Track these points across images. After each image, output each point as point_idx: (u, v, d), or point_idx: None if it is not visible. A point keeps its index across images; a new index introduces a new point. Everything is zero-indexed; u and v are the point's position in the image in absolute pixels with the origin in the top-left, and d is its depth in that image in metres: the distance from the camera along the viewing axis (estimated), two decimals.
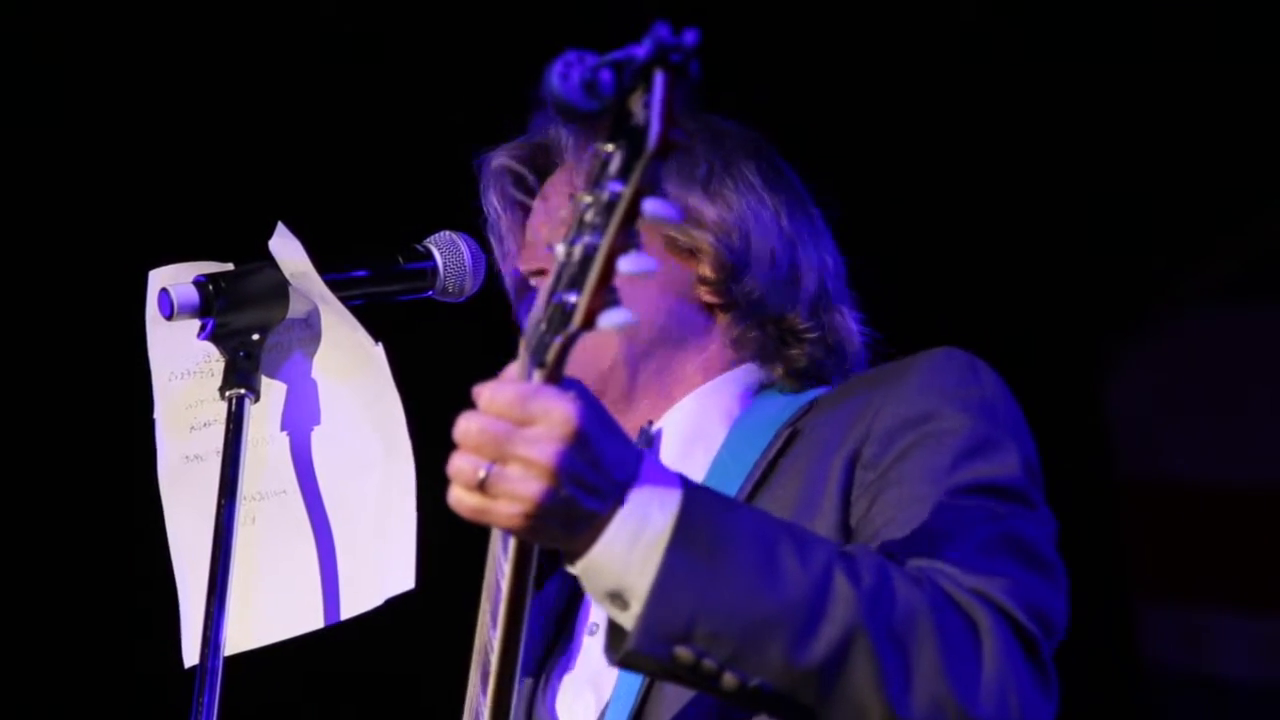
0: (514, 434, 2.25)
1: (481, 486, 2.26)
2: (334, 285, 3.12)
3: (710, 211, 3.05)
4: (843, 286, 3.16)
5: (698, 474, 2.93)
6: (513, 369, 2.31)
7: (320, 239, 3.15)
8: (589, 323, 2.21)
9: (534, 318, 2.26)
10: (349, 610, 3.14)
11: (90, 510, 5.13)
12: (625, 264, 2.20)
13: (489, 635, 2.39)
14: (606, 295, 2.21)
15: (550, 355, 2.25)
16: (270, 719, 4.83)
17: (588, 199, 2.22)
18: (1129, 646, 5.06)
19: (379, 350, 3.13)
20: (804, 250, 3.10)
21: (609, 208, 2.20)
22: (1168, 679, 5.14)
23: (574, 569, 2.37)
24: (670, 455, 3.02)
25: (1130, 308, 5.17)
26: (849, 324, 3.13)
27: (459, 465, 2.27)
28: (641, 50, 2.19)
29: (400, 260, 3.20)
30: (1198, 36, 4.87)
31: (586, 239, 2.21)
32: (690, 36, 2.19)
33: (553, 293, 2.23)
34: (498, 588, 2.39)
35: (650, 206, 2.20)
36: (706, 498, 2.40)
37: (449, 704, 2.71)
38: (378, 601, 3.11)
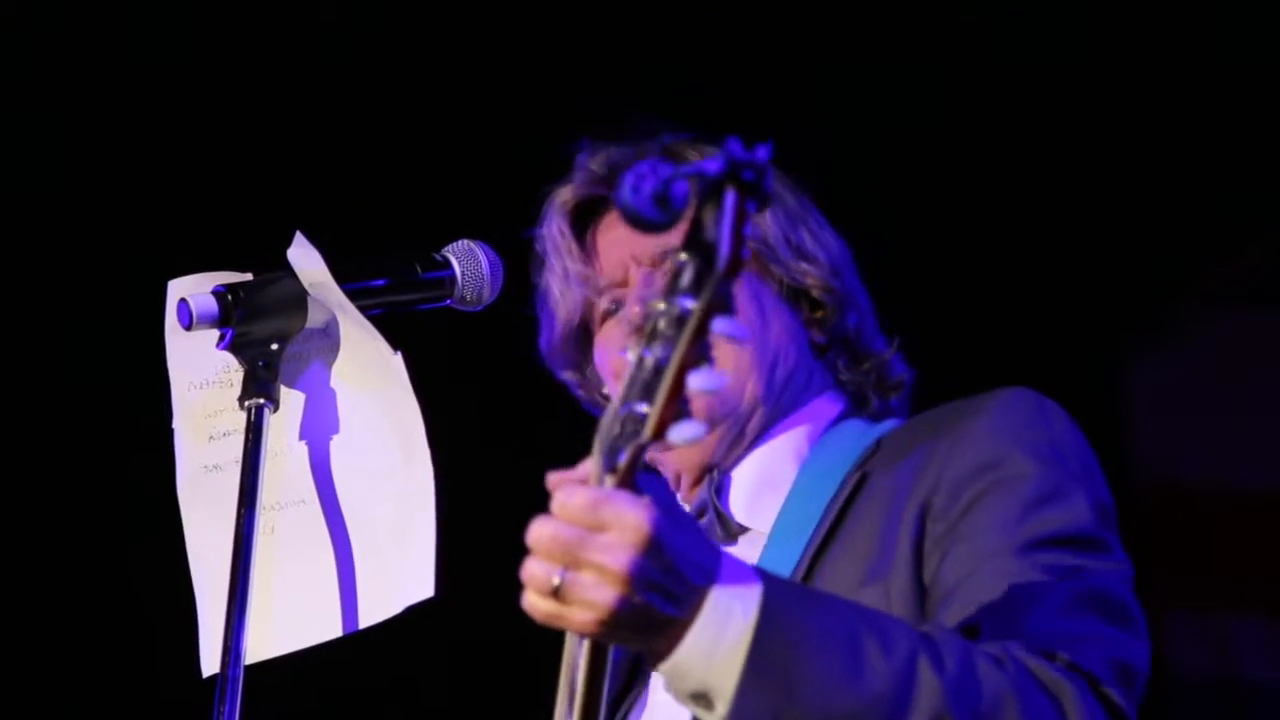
0: (587, 540, 2.24)
1: (555, 593, 2.25)
2: (352, 294, 3.12)
3: (819, 252, 3.09)
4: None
5: (768, 518, 2.96)
6: (586, 465, 2.30)
7: (339, 248, 3.15)
8: (660, 434, 2.21)
9: (606, 422, 2.26)
10: (368, 619, 3.14)
11: (109, 520, 5.14)
12: (696, 380, 2.20)
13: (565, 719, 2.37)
14: (677, 408, 2.21)
15: (622, 464, 2.24)
16: None
17: (661, 307, 2.22)
18: (1154, 650, 5.05)
19: (398, 359, 3.14)
20: (860, 283, 3.17)
21: (680, 322, 2.20)
22: (1190, 683, 5.13)
23: (657, 671, 2.35)
24: (740, 500, 3.04)
25: (1151, 312, 5.16)
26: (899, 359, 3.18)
27: (533, 571, 2.26)
28: (713, 166, 2.19)
29: (418, 269, 3.20)
30: (1225, 37, 4.86)
31: (658, 351, 2.21)
32: (762, 153, 2.19)
33: (625, 401, 2.24)
34: (574, 679, 2.36)
35: (719, 326, 2.20)
36: (786, 594, 2.37)
37: (465, 709, 2.71)
38: (397, 610, 3.11)
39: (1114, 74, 4.93)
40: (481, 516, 3.97)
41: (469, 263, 3.21)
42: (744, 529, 3.01)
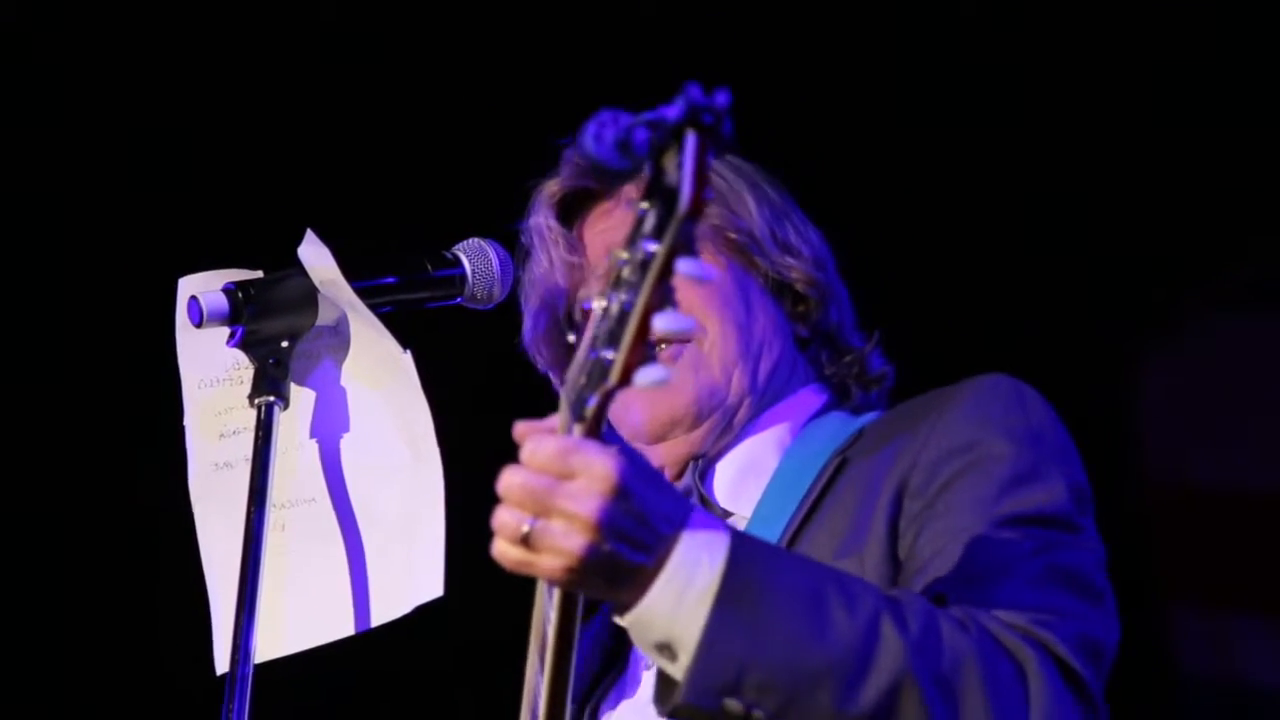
0: (556, 488, 2.25)
1: (525, 541, 2.27)
2: (363, 293, 3.13)
3: (801, 244, 3.10)
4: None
5: (750, 503, 2.98)
6: (554, 419, 2.31)
7: (350, 246, 3.16)
8: (626, 379, 2.23)
9: (573, 372, 2.28)
10: (378, 617, 3.14)
11: (120, 517, 5.14)
12: (660, 322, 2.22)
13: (536, 678, 2.39)
14: (643, 352, 2.22)
15: (590, 410, 2.26)
16: None
17: (624, 256, 2.23)
18: (1157, 652, 5.04)
19: (407, 357, 3.14)
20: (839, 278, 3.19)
21: (644, 266, 2.21)
22: (1195, 684, 5.13)
23: (622, 621, 2.37)
24: (724, 484, 3.06)
25: (1160, 313, 5.15)
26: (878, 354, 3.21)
27: (503, 519, 2.28)
28: (673, 111, 2.21)
29: (429, 267, 3.20)
30: (1234, 37, 4.85)
31: (623, 296, 2.22)
32: (722, 97, 2.21)
33: (591, 348, 2.25)
34: (544, 633, 2.39)
35: (684, 266, 2.21)
36: (753, 548, 2.39)
37: (478, 710, 2.71)
38: (406, 609, 3.12)
39: (1123, 73, 4.93)
40: (490, 516, 3.96)
41: (480, 261, 3.21)
42: (726, 514, 3.03)
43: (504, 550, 2.29)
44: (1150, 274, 5.02)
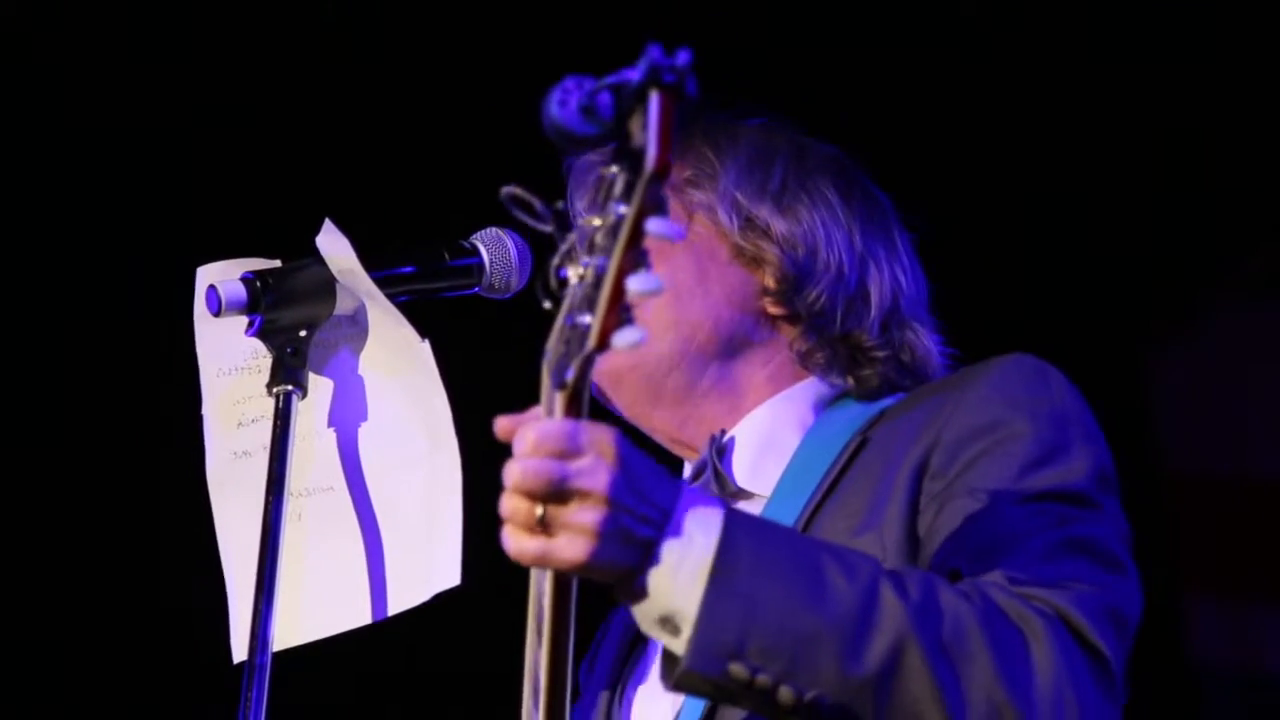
0: (565, 468, 2.26)
1: (541, 524, 2.27)
2: (380, 282, 3.13)
3: (779, 224, 3.08)
4: (920, 308, 3.16)
5: (770, 482, 2.96)
6: (536, 410, 2.32)
7: (368, 235, 3.16)
8: (603, 343, 2.23)
9: (553, 341, 2.29)
10: (395, 606, 3.15)
11: (139, 506, 5.15)
12: (634, 283, 2.22)
13: (535, 656, 2.38)
14: (619, 315, 2.22)
15: (570, 377, 2.26)
16: (317, 715, 4.84)
17: (596, 221, 2.24)
18: (1174, 642, 5.04)
19: (425, 346, 3.14)
20: (876, 269, 3.11)
21: (614, 230, 2.22)
22: (1213, 674, 5.13)
23: (622, 600, 2.38)
24: (743, 464, 3.03)
25: (1175, 302, 5.15)
26: (924, 342, 3.13)
27: (514, 506, 2.28)
28: (635, 73, 2.21)
29: (446, 257, 3.20)
30: (1253, 30, 4.85)
31: (597, 261, 2.23)
32: (683, 56, 2.21)
33: (567, 315, 2.26)
34: (540, 612, 2.38)
35: (654, 226, 2.21)
36: (747, 522, 2.41)
37: (497, 700, 2.71)
38: (424, 598, 3.12)
39: (1137, 65, 4.93)
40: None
41: (497, 250, 3.22)
42: (743, 492, 3.01)
43: (521, 543, 2.28)
44: (1166, 265, 5.03)
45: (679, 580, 2.34)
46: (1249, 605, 5.12)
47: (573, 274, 2.25)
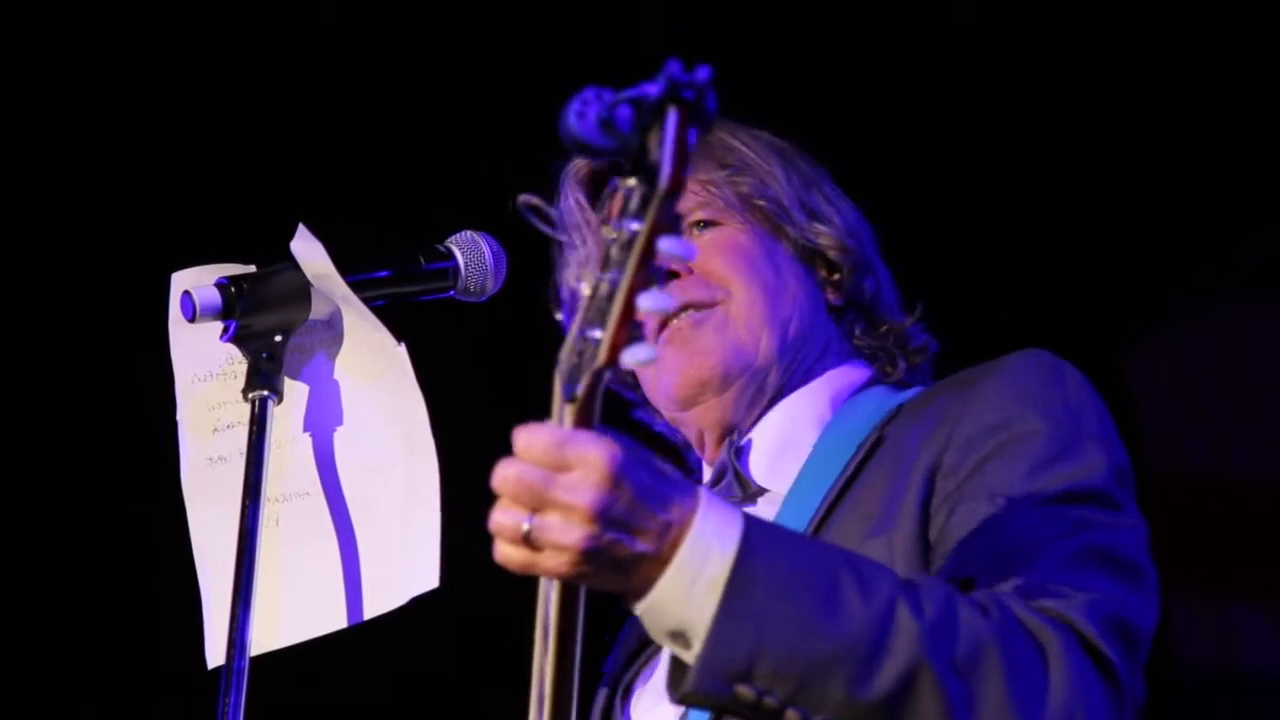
0: (551, 481, 2.23)
1: (526, 540, 2.25)
2: (356, 286, 3.13)
3: (831, 213, 3.10)
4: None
5: (786, 481, 2.96)
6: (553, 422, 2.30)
7: (342, 240, 3.15)
8: (613, 359, 2.22)
9: (564, 353, 2.26)
10: (373, 610, 3.14)
11: (114, 512, 5.14)
12: (645, 301, 2.21)
13: (541, 663, 2.35)
14: (629, 331, 2.21)
15: (580, 391, 2.24)
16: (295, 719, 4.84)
17: (612, 235, 2.23)
18: (1159, 642, 5.05)
19: (401, 350, 3.14)
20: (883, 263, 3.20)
21: (628, 245, 2.21)
22: (1194, 672, 5.13)
23: (636, 610, 2.35)
24: (761, 461, 3.04)
25: (1156, 301, 5.15)
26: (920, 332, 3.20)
27: (501, 521, 2.26)
28: (654, 88, 2.20)
29: (421, 260, 3.20)
30: (1233, 29, 4.85)
31: (610, 275, 2.22)
32: (703, 73, 2.20)
33: (580, 328, 2.24)
34: (546, 616, 2.35)
35: (665, 245, 2.20)
36: (766, 534, 2.37)
37: (474, 702, 2.71)
38: (402, 601, 3.12)
39: (1118, 66, 4.93)
40: (485, 507, 3.96)
41: (472, 254, 3.21)
42: (763, 490, 3.02)
43: (507, 553, 2.27)
44: (1147, 261, 5.03)
45: (692, 596, 2.31)
46: (1229, 603, 5.12)
47: (587, 286, 2.24)
